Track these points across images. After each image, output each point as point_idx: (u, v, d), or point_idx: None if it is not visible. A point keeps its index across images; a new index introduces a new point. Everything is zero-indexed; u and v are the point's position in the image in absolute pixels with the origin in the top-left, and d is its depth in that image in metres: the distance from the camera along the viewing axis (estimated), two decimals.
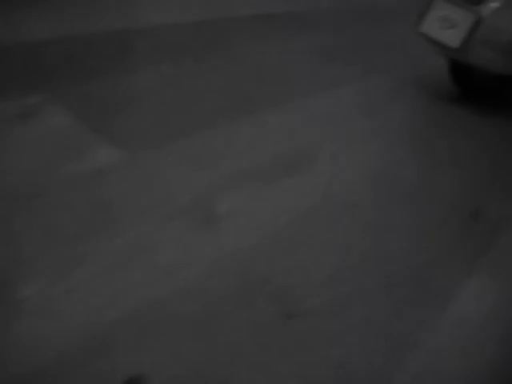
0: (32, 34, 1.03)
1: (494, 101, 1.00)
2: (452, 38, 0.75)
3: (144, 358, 0.46)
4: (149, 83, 0.89)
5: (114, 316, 0.50)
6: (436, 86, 1.08)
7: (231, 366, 0.46)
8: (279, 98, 0.88)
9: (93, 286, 0.52)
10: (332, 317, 0.53)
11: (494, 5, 0.71)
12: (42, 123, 0.76)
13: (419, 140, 0.87)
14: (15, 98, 0.80)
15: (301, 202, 0.66)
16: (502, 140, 0.92)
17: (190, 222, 0.61)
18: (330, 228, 0.63)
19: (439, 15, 0.77)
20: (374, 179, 0.74)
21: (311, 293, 0.55)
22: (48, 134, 0.75)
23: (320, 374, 0.47)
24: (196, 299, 0.53)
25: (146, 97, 0.86)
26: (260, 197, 0.66)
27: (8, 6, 1.14)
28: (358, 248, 0.62)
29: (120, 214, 0.62)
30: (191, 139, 0.75)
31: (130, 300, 0.51)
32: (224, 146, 0.75)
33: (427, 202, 0.71)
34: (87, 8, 1.21)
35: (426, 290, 0.58)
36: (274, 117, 0.83)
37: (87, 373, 0.44)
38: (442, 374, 0.49)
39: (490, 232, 0.69)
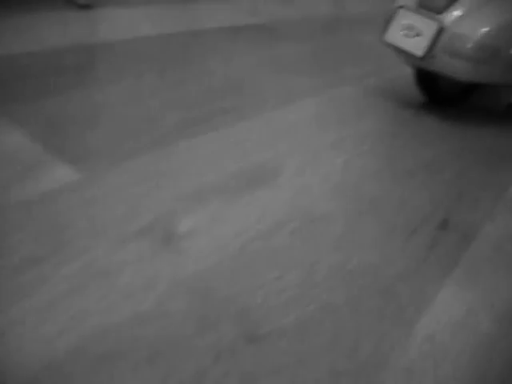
0: None
1: (461, 107, 1.03)
2: (416, 46, 0.75)
3: None
4: (108, 99, 0.87)
5: (68, 344, 0.47)
6: (403, 95, 1.07)
7: None
8: (244, 112, 0.86)
9: (44, 314, 0.49)
10: (298, 337, 0.51)
11: (456, 13, 0.73)
12: None
13: (387, 150, 0.86)
14: None
15: (265, 218, 0.64)
16: (469, 148, 0.91)
17: (149, 242, 0.59)
18: (295, 244, 0.61)
19: (403, 24, 0.78)
20: (341, 191, 0.72)
21: (276, 313, 0.53)
22: (0, 153, 0.71)
23: None
24: (155, 323, 0.50)
25: (104, 114, 0.83)
26: (222, 214, 0.63)
27: None
28: (325, 263, 0.59)
29: (75, 235, 0.59)
30: (151, 156, 0.73)
31: (85, 327, 0.49)
32: (185, 163, 0.72)
33: (395, 214, 0.69)
34: (45, 22, 1.18)
35: (396, 305, 0.56)
36: (237, 130, 0.81)
37: None
38: None
39: (459, 242, 0.67)
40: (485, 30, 0.73)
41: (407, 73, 1.25)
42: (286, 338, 0.50)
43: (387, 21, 0.85)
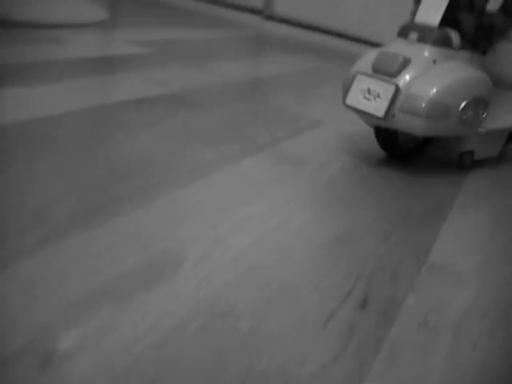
0: None
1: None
2: (377, 108, 0.83)
3: None
4: None
5: None
6: (318, 159, 1.04)
7: None
8: (145, 194, 0.80)
9: None
10: None
11: (408, 76, 0.82)
12: None
13: (301, 221, 0.81)
14: None
15: (163, 320, 0.57)
16: (397, 210, 0.87)
17: (24, 367, 0.50)
18: (199, 347, 0.54)
19: (362, 88, 0.85)
20: (248, 278, 0.66)
21: None
22: None
23: None
24: None
25: None
26: (113, 322, 0.55)
27: None
28: (233, 366, 0.52)
29: None
30: (35, 258, 0.65)
31: None
32: (73, 263, 0.64)
33: (309, 298, 0.64)
34: None
35: None
36: (136, 218, 0.74)
37: None
38: None
39: (380, 323, 0.62)
40: (435, 89, 0.81)
41: (319, 137, 1.22)
42: None
43: (346, 85, 0.91)
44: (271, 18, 2.94)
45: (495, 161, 1.20)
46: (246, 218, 0.78)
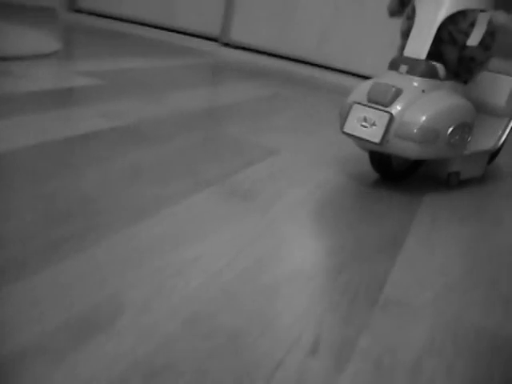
0: None
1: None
2: (373, 134, 0.90)
3: None
4: None
5: None
6: (269, 193, 1.01)
7: None
8: (85, 238, 0.76)
9: None
10: None
11: (400, 105, 0.90)
12: None
13: (250, 259, 0.78)
14: None
15: (97, 381, 0.52)
16: (359, 241, 0.85)
17: None
18: None
19: (358, 117, 0.92)
20: (192, 327, 0.62)
21: None
22: None
23: None
24: None
25: None
26: None
27: None
28: None
29: None
30: None
31: None
32: (2, 319, 0.60)
33: (257, 344, 0.60)
34: None
35: None
36: (73, 264, 0.70)
37: None
38: None
39: (333, 368, 0.59)
40: (425, 116, 0.89)
41: (273, 167, 1.20)
42: None
43: (343, 114, 0.99)
44: (228, 44, 2.94)
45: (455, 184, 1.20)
46: (192, 259, 0.74)
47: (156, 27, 3.12)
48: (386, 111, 0.90)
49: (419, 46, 0.91)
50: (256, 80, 2.34)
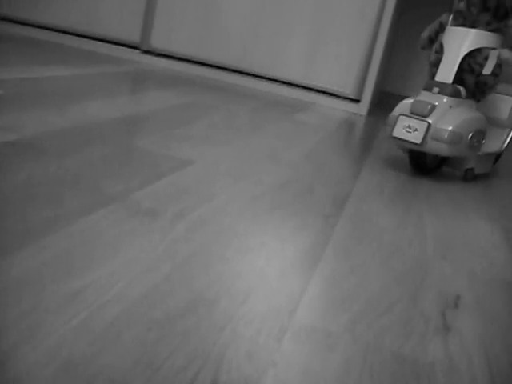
0: None
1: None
2: (415, 137, 1.24)
3: None
4: None
5: None
6: (164, 209, 0.92)
7: None
8: None
9: None
10: None
11: (435, 116, 1.25)
12: None
13: (144, 290, 0.69)
14: None
15: None
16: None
17: None
18: None
19: (404, 125, 1.26)
20: (68, 375, 0.53)
21: None
22: None
23: None
24: None
25: None
26: None
27: None
28: None
29: None
30: None
31: None
32: None
33: None
34: None
35: None
36: None
37: None
38: None
39: None
40: (453, 124, 1.24)
41: (182, 180, 1.12)
42: None
43: (391, 123, 1.33)
44: (149, 52, 2.84)
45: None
46: (78, 290, 0.65)
47: (76, 35, 2.97)
48: (425, 121, 1.25)
49: (447, 73, 1.26)
50: (176, 88, 2.25)
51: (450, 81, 1.26)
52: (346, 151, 1.71)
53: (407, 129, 1.24)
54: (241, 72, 2.78)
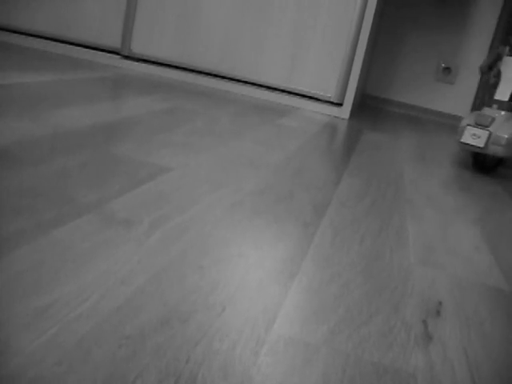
0: None
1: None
2: (479, 142, 1.60)
3: None
4: None
5: None
6: (140, 219, 0.90)
7: None
8: None
9: None
10: None
11: (495, 126, 1.60)
12: None
13: (115, 306, 0.67)
14: None
15: None
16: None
17: None
18: None
19: (470, 133, 1.61)
20: None
21: None
22: None
23: None
24: None
25: None
26: None
27: None
28: None
29: None
30: None
31: None
32: None
33: None
34: None
35: None
36: None
37: None
38: None
39: None
40: (508, 132, 1.59)
41: (160, 188, 1.10)
42: None
43: (460, 132, 1.65)
44: (129, 57, 2.81)
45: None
46: (48, 304, 0.62)
47: (55, 40, 2.94)
48: (487, 130, 1.60)
49: (504, 93, 1.63)
50: (157, 93, 2.23)
51: (507, 99, 1.63)
52: (328, 156, 1.70)
53: (473, 136, 1.60)
54: (222, 77, 2.76)
